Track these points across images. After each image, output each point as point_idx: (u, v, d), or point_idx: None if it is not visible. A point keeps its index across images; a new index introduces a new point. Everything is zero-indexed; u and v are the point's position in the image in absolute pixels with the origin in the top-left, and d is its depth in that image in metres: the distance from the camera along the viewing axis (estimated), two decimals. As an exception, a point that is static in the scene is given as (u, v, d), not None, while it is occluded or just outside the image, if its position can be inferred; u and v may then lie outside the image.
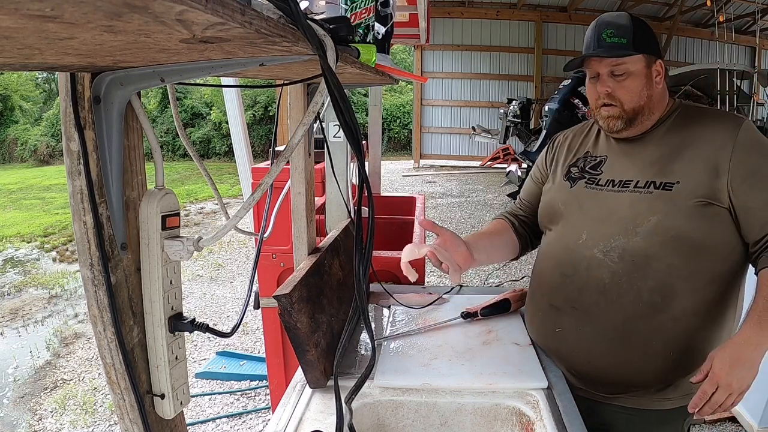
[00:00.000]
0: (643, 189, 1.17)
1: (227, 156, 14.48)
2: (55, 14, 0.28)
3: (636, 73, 1.18)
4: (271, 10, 0.45)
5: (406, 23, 3.62)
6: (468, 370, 1.21)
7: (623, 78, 1.18)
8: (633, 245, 1.15)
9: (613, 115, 1.20)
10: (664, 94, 1.23)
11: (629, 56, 1.17)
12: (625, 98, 1.18)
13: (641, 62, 1.18)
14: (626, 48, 1.16)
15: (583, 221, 1.25)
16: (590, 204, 1.25)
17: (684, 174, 1.13)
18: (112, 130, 0.61)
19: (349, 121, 0.64)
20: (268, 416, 2.74)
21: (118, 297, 0.65)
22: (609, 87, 1.19)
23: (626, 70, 1.17)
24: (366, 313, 1.05)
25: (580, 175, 1.30)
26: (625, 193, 1.20)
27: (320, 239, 1.51)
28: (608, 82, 1.19)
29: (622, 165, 1.24)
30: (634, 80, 1.18)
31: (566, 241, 1.26)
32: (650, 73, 1.19)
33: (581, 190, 1.27)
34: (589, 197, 1.25)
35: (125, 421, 0.69)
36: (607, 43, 1.18)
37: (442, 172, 10.99)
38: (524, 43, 11.24)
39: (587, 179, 1.28)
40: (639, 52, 1.16)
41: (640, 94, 1.18)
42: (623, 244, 1.17)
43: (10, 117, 16.91)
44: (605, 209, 1.21)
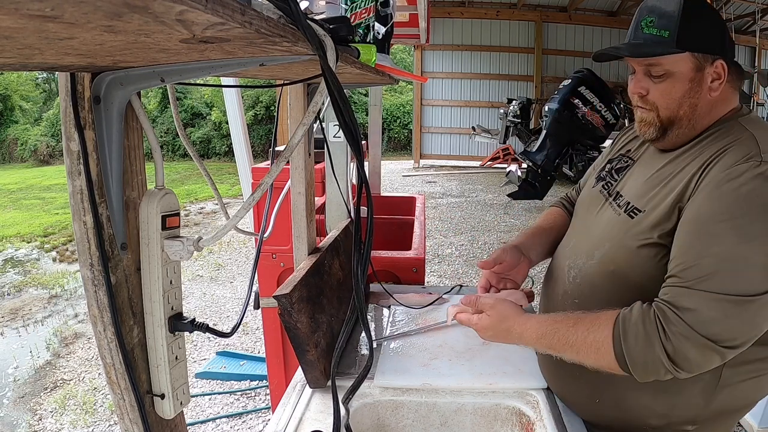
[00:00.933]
0: (620, 209, 1.03)
1: (227, 156, 14.47)
2: (55, 14, 0.28)
3: (678, 76, 0.95)
4: (271, 10, 0.45)
5: (406, 23, 3.62)
6: (468, 370, 1.21)
7: (661, 80, 0.97)
8: (586, 270, 1.04)
9: (646, 120, 1.01)
10: (721, 103, 0.97)
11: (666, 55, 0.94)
12: (661, 103, 0.98)
13: (687, 63, 0.94)
14: (666, 44, 0.93)
15: (578, 227, 1.16)
16: (591, 211, 1.14)
17: (654, 204, 0.95)
18: (112, 130, 0.61)
19: (348, 121, 0.64)
20: (268, 416, 2.74)
21: (118, 297, 0.65)
22: (643, 88, 0.99)
23: (665, 71, 0.95)
24: (364, 313, 1.05)
25: (605, 176, 1.16)
26: (611, 209, 1.06)
27: (320, 239, 1.51)
28: (643, 81, 0.99)
29: (635, 176, 1.07)
30: (674, 84, 0.95)
31: (562, 243, 1.20)
32: (700, 78, 0.94)
33: (596, 193, 1.15)
34: (595, 204, 1.13)
35: (125, 421, 0.69)
36: (644, 35, 0.97)
37: (442, 172, 10.99)
38: (524, 43, 11.23)
39: (606, 182, 1.14)
40: (685, 49, 0.93)
41: (680, 102, 0.96)
42: (581, 265, 1.06)
43: (10, 117, 16.91)
44: (593, 222, 1.10)
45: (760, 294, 0.79)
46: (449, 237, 6.05)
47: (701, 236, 0.85)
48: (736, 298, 0.79)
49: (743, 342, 0.81)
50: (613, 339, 0.87)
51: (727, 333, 0.80)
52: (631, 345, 0.85)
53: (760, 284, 0.80)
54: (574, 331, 0.91)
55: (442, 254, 5.42)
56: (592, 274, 1.03)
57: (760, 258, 0.80)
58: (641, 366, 0.84)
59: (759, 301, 0.79)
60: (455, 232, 6.28)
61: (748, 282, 0.80)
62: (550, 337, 0.94)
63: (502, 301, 1.05)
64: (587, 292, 1.03)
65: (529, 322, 0.99)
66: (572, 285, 1.07)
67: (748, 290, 0.79)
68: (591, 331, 0.90)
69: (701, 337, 0.80)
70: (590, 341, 0.89)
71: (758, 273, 0.80)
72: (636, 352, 0.84)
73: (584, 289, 1.04)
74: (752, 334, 0.82)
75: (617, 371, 0.87)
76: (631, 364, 0.85)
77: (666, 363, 0.82)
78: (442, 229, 6.42)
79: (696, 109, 0.96)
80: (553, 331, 0.94)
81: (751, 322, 0.81)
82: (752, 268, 0.80)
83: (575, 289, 1.06)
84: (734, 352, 0.81)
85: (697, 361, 0.81)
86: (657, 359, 0.82)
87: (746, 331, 0.81)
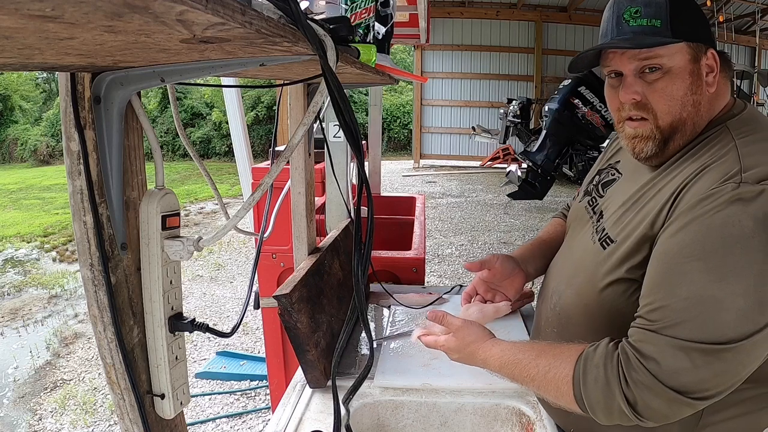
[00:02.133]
0: (596, 234, 0.93)
1: (227, 156, 14.47)
2: (55, 14, 0.28)
3: (676, 71, 0.82)
4: (271, 10, 0.45)
5: (406, 23, 3.62)
6: (468, 370, 1.20)
7: (658, 78, 0.83)
8: (564, 299, 0.97)
9: (642, 134, 0.86)
10: (717, 99, 0.86)
11: (666, 45, 0.81)
12: (661, 108, 0.83)
13: (685, 54, 0.82)
14: (661, 33, 0.81)
15: (565, 248, 1.09)
16: (576, 230, 1.05)
17: (625, 234, 0.85)
18: (112, 130, 0.61)
19: (349, 121, 0.64)
20: (268, 416, 2.74)
21: (118, 297, 0.65)
22: (637, 92, 0.84)
23: (662, 66, 0.82)
24: (364, 314, 1.05)
25: (592, 190, 1.07)
26: (590, 232, 0.97)
27: (320, 239, 1.51)
28: (636, 85, 0.84)
29: (617, 194, 0.96)
30: (674, 81, 0.82)
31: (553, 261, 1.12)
32: (698, 70, 0.83)
33: (582, 209, 1.06)
34: (580, 222, 1.05)
35: (125, 421, 0.69)
36: (631, 27, 0.83)
37: (442, 172, 10.99)
38: (524, 43, 11.24)
39: (592, 198, 1.05)
40: (681, 38, 0.81)
41: (683, 102, 0.83)
42: (561, 293, 0.99)
43: (10, 117, 16.90)
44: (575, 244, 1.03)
45: (734, 341, 0.69)
46: (449, 237, 6.05)
47: (670, 274, 0.75)
48: (707, 346, 0.70)
49: (717, 392, 0.72)
50: (573, 379, 0.79)
51: (696, 384, 0.71)
52: (590, 389, 0.77)
53: (735, 330, 0.69)
54: (535, 365, 0.85)
55: (442, 254, 5.42)
56: (569, 305, 0.96)
57: (733, 300, 0.69)
58: (601, 411, 0.77)
59: (734, 349, 0.69)
60: (455, 232, 6.28)
61: (720, 328, 0.70)
62: (512, 368, 0.89)
63: (469, 324, 1.00)
64: (564, 323, 0.96)
65: (493, 349, 0.93)
66: (553, 313, 1.00)
67: (720, 337, 0.69)
68: (552, 366, 0.83)
69: (666, 388, 0.71)
70: (550, 378, 0.82)
71: (732, 317, 0.69)
72: (595, 397, 0.77)
73: (562, 320, 0.97)
74: (728, 383, 0.72)
75: (578, 411, 0.80)
76: (590, 408, 0.78)
77: (627, 412, 0.74)
78: (442, 229, 6.42)
79: (699, 108, 0.84)
80: (515, 362, 0.88)
81: (725, 371, 0.71)
82: (725, 313, 0.70)
83: (555, 318, 0.99)
84: (707, 402, 0.72)
85: (662, 411, 0.73)
86: (617, 407, 0.75)
87: (720, 382, 0.71)
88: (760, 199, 0.71)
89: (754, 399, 0.83)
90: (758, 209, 0.71)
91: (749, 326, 0.69)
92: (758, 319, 0.69)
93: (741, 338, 0.69)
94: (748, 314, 0.69)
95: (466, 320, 1.03)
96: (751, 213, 0.71)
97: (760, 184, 0.72)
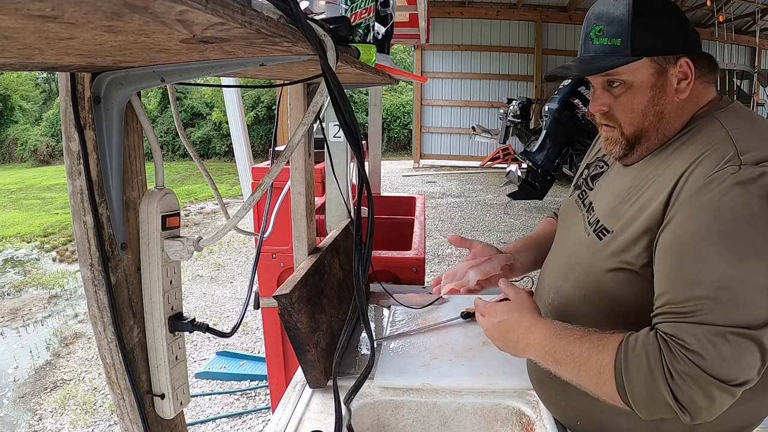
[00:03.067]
0: (590, 226, 0.95)
1: (227, 156, 14.47)
2: (55, 14, 0.28)
3: (637, 86, 0.87)
4: (271, 10, 0.45)
5: (406, 23, 3.62)
6: (468, 370, 1.21)
7: (621, 92, 0.89)
8: (562, 291, 0.98)
9: (611, 138, 0.93)
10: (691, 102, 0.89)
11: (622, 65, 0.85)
12: (623, 119, 0.90)
13: (647, 69, 0.86)
14: (620, 53, 0.85)
15: (557, 243, 1.10)
16: (568, 224, 1.06)
17: (623, 224, 0.87)
18: (112, 130, 0.61)
19: (349, 121, 0.64)
20: (268, 416, 2.74)
21: (118, 297, 0.65)
22: (604, 105, 0.91)
23: (624, 81, 0.87)
24: (365, 313, 1.05)
25: (581, 184, 1.09)
26: (582, 224, 0.99)
27: (320, 239, 1.51)
28: (603, 97, 0.91)
29: (607, 186, 0.99)
30: (635, 96, 0.88)
31: (547, 259, 1.14)
32: (663, 82, 0.86)
33: (572, 203, 1.08)
34: (571, 216, 1.06)
35: (125, 421, 0.69)
36: (594, 46, 0.88)
37: (442, 172, 10.98)
38: (524, 43, 11.23)
39: (581, 191, 1.07)
40: (641, 55, 0.85)
41: (644, 114, 0.88)
42: (558, 287, 1.00)
43: (10, 117, 16.90)
44: (568, 238, 1.04)
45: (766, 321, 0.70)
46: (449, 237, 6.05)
47: (690, 263, 0.75)
48: (744, 331, 0.70)
49: (755, 376, 0.72)
50: (614, 367, 0.77)
51: (741, 371, 0.71)
52: (633, 378, 0.75)
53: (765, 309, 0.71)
54: (580, 345, 0.82)
55: (442, 254, 5.42)
56: (568, 297, 0.96)
57: (758, 278, 0.71)
58: (644, 403, 0.75)
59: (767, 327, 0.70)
60: (455, 232, 6.28)
61: (752, 309, 0.71)
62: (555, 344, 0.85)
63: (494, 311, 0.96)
64: (566, 316, 0.95)
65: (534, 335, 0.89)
66: (551, 307, 1.00)
67: (754, 320, 0.70)
68: (595, 350, 0.80)
69: (712, 379, 0.70)
70: (593, 362, 0.80)
71: (761, 296, 0.71)
72: (638, 386, 0.75)
73: (562, 312, 0.97)
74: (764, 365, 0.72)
75: (620, 404, 0.78)
76: (633, 399, 0.75)
77: (672, 404, 0.72)
78: (442, 229, 6.42)
79: (663, 117, 0.88)
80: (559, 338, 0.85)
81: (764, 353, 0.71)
82: (753, 292, 0.71)
83: (554, 312, 0.99)
84: (746, 387, 0.73)
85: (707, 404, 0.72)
86: (662, 398, 0.73)
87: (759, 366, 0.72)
88: (762, 180, 0.73)
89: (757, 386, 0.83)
90: (762, 188, 0.73)
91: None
92: None
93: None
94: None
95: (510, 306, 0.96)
96: (755, 193, 0.73)
97: (760, 166, 0.74)
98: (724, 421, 0.83)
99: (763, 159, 0.75)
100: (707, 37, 10.55)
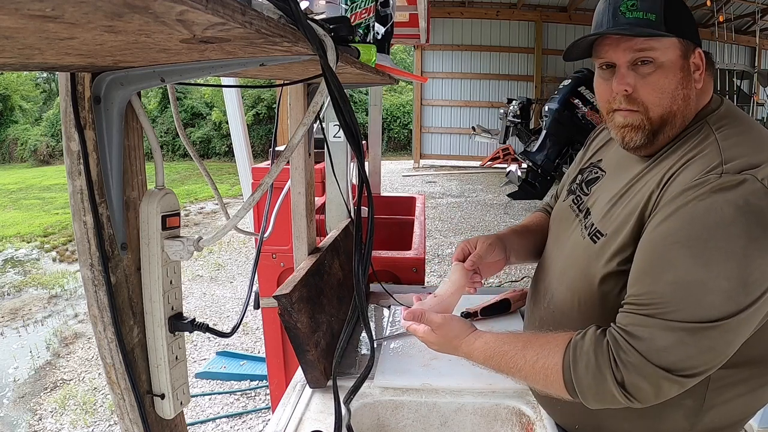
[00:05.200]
0: (586, 230, 0.95)
1: (227, 156, 14.46)
2: (55, 14, 0.28)
3: (668, 66, 0.84)
4: (271, 10, 0.45)
5: (406, 23, 3.61)
6: (468, 370, 1.21)
7: (650, 71, 0.84)
8: (557, 296, 0.99)
9: (632, 123, 0.87)
10: (701, 95, 0.88)
11: (660, 38, 0.83)
12: (652, 100, 0.85)
13: (676, 50, 0.84)
14: (655, 26, 0.83)
15: (551, 247, 1.09)
16: (562, 229, 1.06)
17: (615, 227, 0.87)
18: (112, 130, 0.61)
19: (349, 121, 0.64)
20: (268, 416, 2.74)
21: (118, 297, 0.65)
22: (629, 84, 0.85)
23: (655, 60, 0.84)
24: (365, 313, 1.05)
25: (575, 189, 1.09)
26: (578, 228, 0.99)
27: (320, 239, 1.51)
28: (628, 76, 0.85)
29: (603, 190, 0.98)
30: (666, 75, 0.84)
31: (540, 262, 1.14)
32: (687, 66, 0.85)
33: (566, 208, 1.08)
34: (566, 221, 1.06)
35: (125, 421, 0.69)
36: (627, 19, 0.84)
37: (442, 172, 10.99)
38: (524, 43, 11.23)
39: (576, 196, 1.07)
40: (674, 34, 0.83)
41: (674, 95, 0.85)
42: (553, 291, 1.00)
43: (10, 117, 16.89)
44: (564, 242, 1.03)
45: (719, 320, 0.72)
46: (449, 237, 6.05)
47: (657, 261, 0.78)
48: (694, 325, 0.73)
49: (704, 370, 0.75)
50: (563, 367, 0.81)
51: (683, 362, 0.74)
52: (581, 375, 0.79)
53: (719, 310, 0.72)
54: (522, 356, 0.87)
55: (442, 254, 5.42)
56: (561, 301, 0.97)
57: (718, 282, 0.73)
58: (592, 396, 0.79)
59: (719, 327, 0.73)
60: (455, 232, 6.28)
61: (706, 308, 0.73)
62: (498, 359, 0.90)
63: (450, 320, 0.99)
64: (559, 320, 0.97)
65: (476, 343, 0.94)
66: (547, 312, 1.02)
67: (706, 317, 0.73)
68: (540, 356, 0.85)
69: (655, 367, 0.74)
70: (539, 367, 0.84)
71: (717, 298, 0.73)
72: (586, 382, 0.79)
73: (557, 318, 0.98)
74: (714, 361, 0.75)
75: (567, 398, 0.83)
76: (581, 394, 0.80)
77: (618, 394, 0.76)
78: (442, 229, 6.42)
79: (689, 102, 0.86)
80: (501, 354, 0.90)
81: (711, 348, 0.74)
82: (711, 294, 0.73)
83: (549, 316, 1.00)
84: (694, 380, 0.75)
85: (652, 391, 0.75)
86: (608, 391, 0.77)
87: (706, 359, 0.74)
88: (741, 188, 0.74)
89: (754, 379, 0.86)
90: (739, 197, 0.74)
91: (733, 306, 0.73)
92: (742, 299, 0.73)
93: (726, 317, 0.72)
94: (732, 295, 0.73)
95: (447, 315, 1.01)
96: (731, 201, 0.74)
97: (741, 174, 0.75)
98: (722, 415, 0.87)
99: (747, 167, 0.76)
100: (707, 37, 10.55)
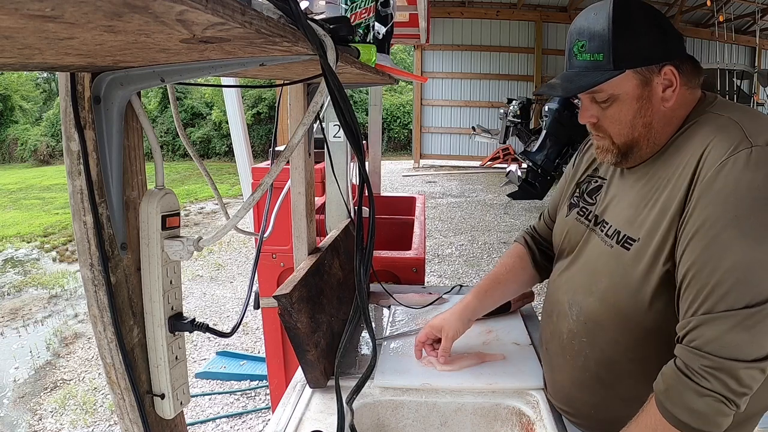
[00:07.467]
0: (610, 239, 0.94)
1: (227, 156, 14.47)
2: (55, 14, 0.28)
3: (623, 98, 0.88)
4: (271, 10, 0.45)
5: (406, 23, 3.62)
6: (468, 370, 1.21)
7: (608, 105, 0.90)
8: (588, 306, 0.96)
9: (603, 146, 0.95)
10: (680, 108, 0.90)
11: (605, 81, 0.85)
12: (613, 131, 0.91)
13: (631, 81, 0.87)
14: (602, 68, 0.85)
15: (567, 260, 1.07)
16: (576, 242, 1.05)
17: (648, 229, 0.86)
18: (112, 130, 0.61)
19: (349, 121, 0.64)
20: (268, 416, 2.74)
21: (118, 297, 0.65)
22: (592, 116, 0.93)
23: (610, 96, 0.88)
24: (367, 313, 1.05)
25: (576, 202, 1.09)
26: (597, 238, 0.98)
27: (320, 239, 1.51)
28: (591, 109, 0.93)
29: (614, 197, 0.99)
30: (621, 107, 0.89)
31: (554, 278, 1.12)
32: (649, 93, 0.87)
33: (573, 221, 1.07)
34: (577, 234, 1.05)
35: (125, 421, 0.69)
36: (578, 62, 0.89)
37: (442, 172, 10.99)
38: (524, 43, 11.24)
39: (580, 208, 1.07)
40: (624, 68, 0.85)
41: (632, 125, 0.89)
42: (581, 302, 0.98)
43: (10, 117, 16.89)
44: (582, 253, 1.02)
45: None
46: (449, 237, 6.05)
47: (708, 250, 0.76)
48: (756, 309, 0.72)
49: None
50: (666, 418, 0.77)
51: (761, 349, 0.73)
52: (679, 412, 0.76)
53: None
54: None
55: (442, 254, 5.42)
56: (595, 312, 0.95)
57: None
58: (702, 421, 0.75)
59: None
60: (455, 232, 6.28)
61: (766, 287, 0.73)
62: None
63: None
64: (595, 330, 0.96)
65: None
66: (577, 323, 0.99)
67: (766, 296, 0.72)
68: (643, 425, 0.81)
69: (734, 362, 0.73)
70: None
71: None
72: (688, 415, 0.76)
73: (591, 328, 0.96)
74: None
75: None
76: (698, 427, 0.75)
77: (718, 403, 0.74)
78: (442, 229, 6.42)
79: (651, 127, 0.89)
80: None
81: None
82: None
83: (581, 328, 0.98)
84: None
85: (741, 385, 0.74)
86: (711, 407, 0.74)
87: None
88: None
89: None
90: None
91: None
92: None
93: None
94: None
95: None
96: None
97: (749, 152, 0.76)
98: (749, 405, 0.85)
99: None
100: (707, 37, 10.56)
